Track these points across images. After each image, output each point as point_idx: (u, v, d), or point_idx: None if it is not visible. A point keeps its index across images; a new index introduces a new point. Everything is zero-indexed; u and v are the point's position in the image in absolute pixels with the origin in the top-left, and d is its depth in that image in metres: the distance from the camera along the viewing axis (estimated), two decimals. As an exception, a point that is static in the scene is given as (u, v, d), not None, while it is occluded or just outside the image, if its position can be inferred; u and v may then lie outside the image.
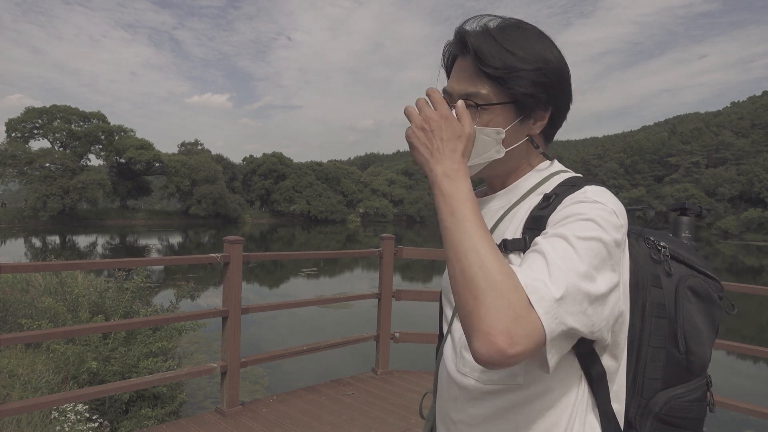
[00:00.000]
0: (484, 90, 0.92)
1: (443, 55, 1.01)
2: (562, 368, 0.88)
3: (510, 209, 0.99)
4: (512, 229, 0.95)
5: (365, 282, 18.14)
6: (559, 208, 0.88)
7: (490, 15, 0.96)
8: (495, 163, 0.97)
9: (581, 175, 0.97)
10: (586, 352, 0.88)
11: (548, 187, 0.96)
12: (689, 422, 0.95)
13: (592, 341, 0.86)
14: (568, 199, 0.88)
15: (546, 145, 1.02)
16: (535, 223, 0.90)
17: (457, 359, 0.98)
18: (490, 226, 1.00)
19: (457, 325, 1.01)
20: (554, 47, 0.95)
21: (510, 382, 0.90)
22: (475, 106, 0.92)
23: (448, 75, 1.01)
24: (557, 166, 1.02)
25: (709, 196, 74.09)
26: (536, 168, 1.01)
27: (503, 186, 1.02)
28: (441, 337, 1.14)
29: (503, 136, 0.94)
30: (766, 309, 14.11)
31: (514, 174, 1.01)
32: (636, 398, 0.94)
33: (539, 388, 0.89)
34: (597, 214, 0.83)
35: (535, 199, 0.96)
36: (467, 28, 0.94)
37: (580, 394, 0.90)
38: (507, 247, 0.91)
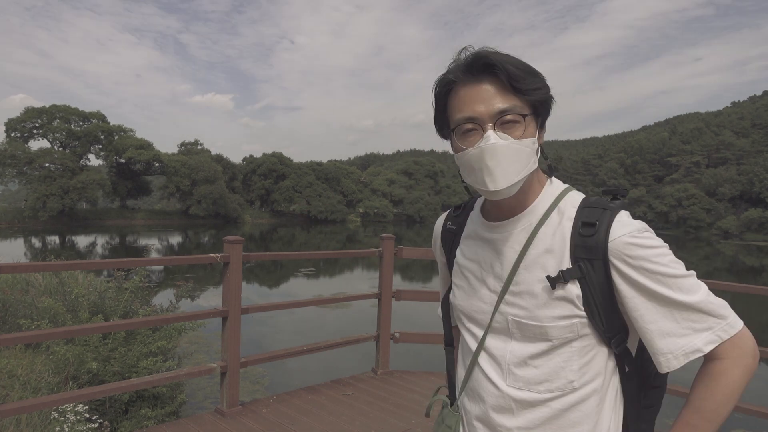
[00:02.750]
0: (517, 103, 1.00)
1: (439, 86, 1.06)
2: (607, 366, 1.04)
3: (535, 231, 1.05)
4: (556, 257, 1.02)
5: (365, 282, 18.13)
6: (632, 255, 0.97)
7: (471, 46, 1.04)
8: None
9: (593, 197, 1.07)
10: (622, 352, 1.03)
11: (565, 206, 1.05)
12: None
13: (625, 341, 1.03)
14: (631, 241, 0.97)
15: None
16: (588, 252, 0.99)
17: (506, 375, 1.06)
18: (517, 249, 1.07)
19: (492, 342, 1.09)
20: None
21: (566, 389, 1.02)
22: (521, 117, 0.99)
23: (441, 107, 1.06)
24: (559, 182, 1.11)
25: (709, 196, 74.01)
26: (544, 184, 1.10)
27: (515, 205, 1.08)
28: (447, 344, 1.29)
29: (537, 145, 1.03)
30: (766, 309, 14.09)
31: (529, 191, 1.07)
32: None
33: (591, 387, 1.02)
34: (668, 256, 0.98)
35: (556, 219, 1.05)
36: (480, 54, 1.00)
37: (617, 387, 1.06)
38: (565, 277, 0.99)
